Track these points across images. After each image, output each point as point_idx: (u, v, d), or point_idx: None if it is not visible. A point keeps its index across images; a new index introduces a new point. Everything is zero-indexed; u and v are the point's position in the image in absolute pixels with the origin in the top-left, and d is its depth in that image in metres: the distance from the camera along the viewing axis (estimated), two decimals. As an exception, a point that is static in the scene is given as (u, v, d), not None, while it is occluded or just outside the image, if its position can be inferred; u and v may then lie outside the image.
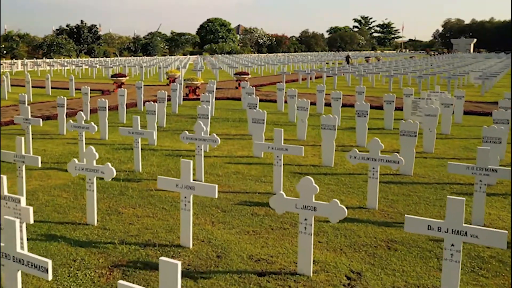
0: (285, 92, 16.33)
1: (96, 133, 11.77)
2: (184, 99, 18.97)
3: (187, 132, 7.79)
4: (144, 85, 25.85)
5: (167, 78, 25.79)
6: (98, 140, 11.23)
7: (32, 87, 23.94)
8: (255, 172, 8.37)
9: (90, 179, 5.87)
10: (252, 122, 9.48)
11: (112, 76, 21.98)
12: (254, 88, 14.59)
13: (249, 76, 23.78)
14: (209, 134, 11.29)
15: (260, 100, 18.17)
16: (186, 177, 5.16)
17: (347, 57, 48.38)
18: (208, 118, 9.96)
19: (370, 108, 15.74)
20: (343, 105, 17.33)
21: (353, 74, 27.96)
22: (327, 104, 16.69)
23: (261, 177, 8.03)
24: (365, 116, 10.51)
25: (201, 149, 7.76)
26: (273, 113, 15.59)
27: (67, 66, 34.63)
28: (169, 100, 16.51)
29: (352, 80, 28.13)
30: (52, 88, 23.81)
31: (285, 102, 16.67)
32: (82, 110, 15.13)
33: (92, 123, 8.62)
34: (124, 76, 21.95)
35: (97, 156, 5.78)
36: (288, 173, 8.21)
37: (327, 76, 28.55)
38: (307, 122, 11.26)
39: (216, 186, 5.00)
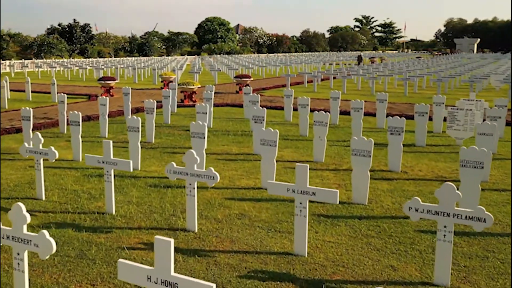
0: (294, 98, 14.27)
1: (68, 152, 9.73)
2: (178, 106, 16.92)
3: (174, 164, 5.72)
4: (136, 89, 23.78)
5: (161, 81, 23.70)
6: (70, 162, 9.15)
7: (13, 91, 21.92)
8: (266, 214, 6.30)
9: (18, 254, 3.80)
10: (261, 144, 7.41)
11: (99, 79, 19.89)
12: (259, 95, 12.52)
13: (251, 79, 21.71)
14: (205, 154, 9.26)
15: (264, 107, 16.13)
16: (163, 266, 3.08)
17: (359, 57, 46.14)
18: (204, 137, 7.89)
19: (387, 116, 13.72)
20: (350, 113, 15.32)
21: (363, 77, 25.90)
22: (342, 113, 14.66)
23: (275, 224, 5.96)
24: (399, 134, 8.44)
25: (193, 188, 5.68)
26: (280, 124, 13.51)
27: (55, 67, 32.49)
28: (161, 107, 14.48)
29: (362, 83, 26.02)
30: (34, 92, 21.74)
31: (294, 109, 14.63)
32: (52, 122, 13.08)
33: (52, 148, 6.54)
34: (113, 79, 19.86)
35: (29, 219, 3.70)
36: (310, 216, 6.14)
37: (334, 78, 26.46)
38: (325, 139, 9.18)
39: (214, 286, 2.91)
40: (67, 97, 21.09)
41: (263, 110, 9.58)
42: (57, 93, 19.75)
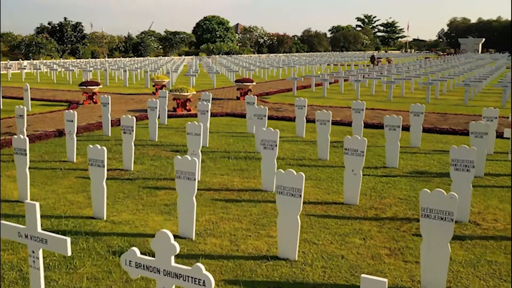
0: (305, 106, 11.82)
1: (13, 187, 7.33)
2: (170, 116, 14.50)
3: (136, 251, 3.31)
4: (125, 94, 21.24)
5: (153, 85, 21.30)
6: (13, 204, 6.71)
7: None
8: (291, 321, 3.88)
9: None
10: (278, 193, 5.00)
11: (81, 84, 17.44)
12: (266, 108, 10.04)
13: (253, 83, 19.26)
14: (199, 189, 6.93)
15: (269, 118, 13.75)
16: None
17: (372, 58, 43.59)
18: (194, 178, 5.46)
19: (424, 132, 11.37)
20: (372, 126, 12.97)
21: (378, 80, 23.44)
22: (366, 125, 12.27)
23: None
24: (468, 170, 6.03)
25: (169, 296, 3.26)
26: (291, 141, 11.10)
27: (40, 68, 29.94)
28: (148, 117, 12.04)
29: (375, 86, 23.49)
30: (10, 98, 19.29)
31: (308, 121, 12.23)
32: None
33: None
34: (97, 84, 17.42)
35: None
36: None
37: (344, 80, 23.99)
38: (361, 173, 6.76)
39: None
40: (46, 104, 18.77)
41: (276, 133, 7.16)
42: (31, 99, 17.42)
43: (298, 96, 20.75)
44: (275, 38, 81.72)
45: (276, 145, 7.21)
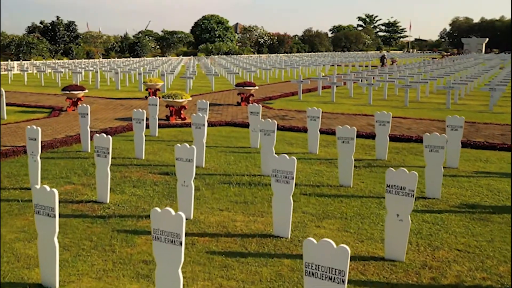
0: (318, 117, 10.05)
1: None
2: (162, 126, 12.71)
3: None
4: (115, 99, 19.38)
5: (146, 89, 19.55)
6: None
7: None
8: None
9: None
10: (309, 274, 3.24)
11: (63, 89, 15.67)
12: (275, 123, 8.21)
13: (256, 87, 17.50)
14: (189, 236, 5.25)
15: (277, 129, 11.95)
16: None
17: (382, 58, 41.81)
18: (181, 243, 3.71)
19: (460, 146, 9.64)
20: (394, 138, 11.23)
21: (391, 83, 21.64)
22: (393, 138, 10.49)
23: None
24: None
25: None
26: (303, 160, 9.33)
27: (27, 69, 28.13)
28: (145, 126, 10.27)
29: (388, 90, 21.70)
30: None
31: (322, 132, 10.49)
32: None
33: None
34: (81, 89, 15.64)
35: None
36: None
37: (354, 83, 22.21)
38: (409, 219, 5.01)
39: None
40: (26, 111, 16.93)
41: (292, 161, 5.41)
42: (10, 104, 15.65)
43: (304, 100, 19.03)
44: (276, 38, 79.89)
45: (293, 178, 5.48)
